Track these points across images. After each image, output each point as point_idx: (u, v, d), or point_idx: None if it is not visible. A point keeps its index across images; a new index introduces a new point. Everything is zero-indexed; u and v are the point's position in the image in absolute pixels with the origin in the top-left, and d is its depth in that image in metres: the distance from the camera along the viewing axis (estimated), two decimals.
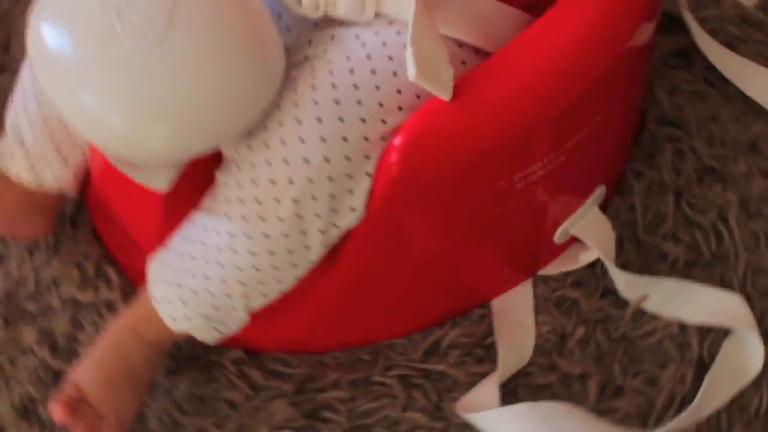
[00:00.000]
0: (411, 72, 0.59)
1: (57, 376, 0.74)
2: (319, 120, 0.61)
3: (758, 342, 0.72)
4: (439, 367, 0.74)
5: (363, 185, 0.62)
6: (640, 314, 0.75)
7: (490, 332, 0.75)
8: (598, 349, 0.74)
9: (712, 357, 0.73)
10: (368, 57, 0.62)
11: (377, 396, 0.73)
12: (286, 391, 0.73)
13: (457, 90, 0.60)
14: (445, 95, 0.60)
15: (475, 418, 0.69)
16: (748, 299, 0.74)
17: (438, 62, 0.59)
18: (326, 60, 0.62)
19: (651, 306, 0.75)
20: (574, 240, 0.75)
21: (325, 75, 0.62)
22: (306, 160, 0.61)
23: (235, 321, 0.66)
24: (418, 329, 0.75)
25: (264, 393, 0.73)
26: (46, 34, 0.60)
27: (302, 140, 0.61)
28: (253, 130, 0.62)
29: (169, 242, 0.67)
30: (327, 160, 0.61)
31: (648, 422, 0.72)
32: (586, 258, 0.75)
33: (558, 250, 0.76)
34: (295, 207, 0.61)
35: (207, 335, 0.67)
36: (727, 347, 0.73)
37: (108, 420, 0.66)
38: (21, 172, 0.72)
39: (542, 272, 0.76)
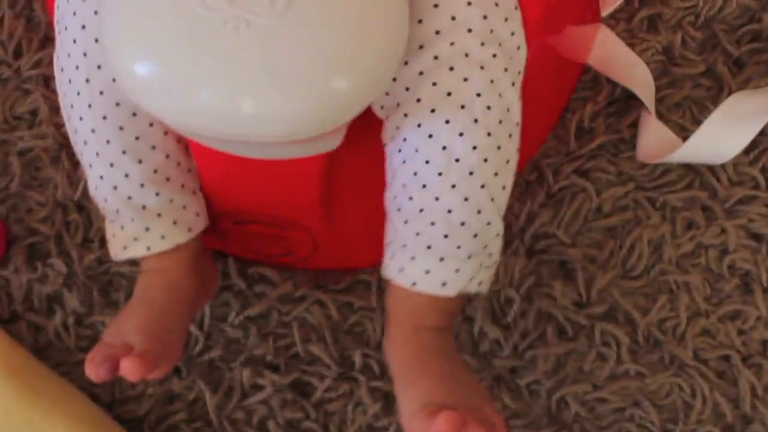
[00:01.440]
0: None
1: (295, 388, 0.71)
2: (470, 3, 0.58)
3: None
4: (597, 141, 0.75)
5: (517, 20, 0.60)
6: None
7: (612, 87, 0.76)
8: (697, 42, 0.77)
9: None
10: None
11: (569, 201, 0.74)
12: (517, 250, 0.73)
13: None
14: None
15: (679, 155, 0.71)
16: None
17: None
18: None
19: None
20: None
21: None
22: (482, 44, 0.58)
23: (494, 238, 0.61)
24: (555, 123, 0.76)
25: None
26: (168, 66, 0.54)
27: (470, 30, 0.58)
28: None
29: (390, 253, 0.61)
30: (484, 17, 0.58)
31: None
32: None
33: None
34: (492, 87, 0.59)
35: (483, 276, 0.62)
36: None
37: (485, 407, 0.58)
38: (169, 236, 0.64)
39: (608, 12, 0.78)
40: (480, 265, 0.61)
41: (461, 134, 0.59)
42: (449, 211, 0.60)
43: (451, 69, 0.59)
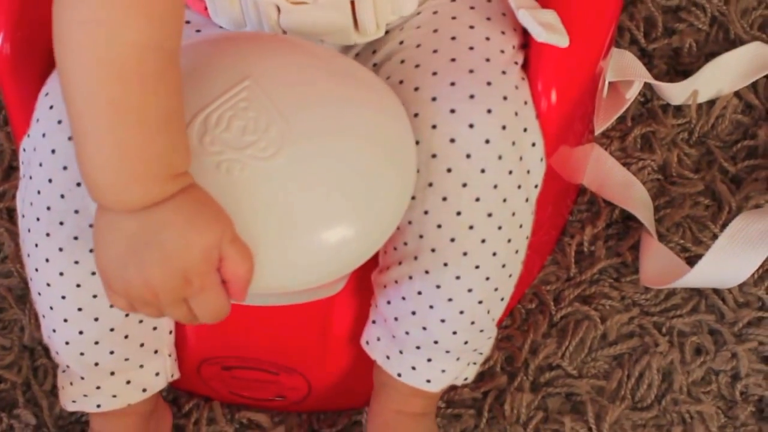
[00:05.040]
0: (539, 34, 0.56)
1: None
2: (472, 97, 0.55)
3: None
4: (598, 266, 0.72)
5: (537, 131, 0.57)
6: (702, 109, 0.77)
7: (610, 209, 0.74)
8: (693, 159, 0.75)
9: None
10: (453, 38, 0.57)
11: (573, 329, 0.70)
12: (521, 384, 0.69)
13: None
14: (565, 41, 0.58)
15: (686, 281, 0.69)
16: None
17: (546, 15, 0.57)
18: (422, 68, 0.56)
19: (704, 97, 0.77)
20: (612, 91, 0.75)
21: (428, 77, 0.56)
22: (487, 141, 0.55)
23: (486, 341, 0.61)
24: (553, 248, 0.73)
25: None
26: None
27: (471, 126, 0.55)
28: None
29: (376, 333, 0.60)
30: (504, 128, 0.56)
31: None
32: (632, 91, 0.75)
33: (605, 105, 0.75)
34: (500, 198, 0.56)
35: (468, 373, 0.62)
36: None
37: None
38: (121, 396, 0.60)
39: (601, 129, 0.76)
40: (467, 364, 0.61)
41: (465, 254, 0.56)
42: (442, 321, 0.58)
43: (464, 186, 0.56)
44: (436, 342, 0.59)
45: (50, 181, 0.56)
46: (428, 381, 0.60)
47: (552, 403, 0.69)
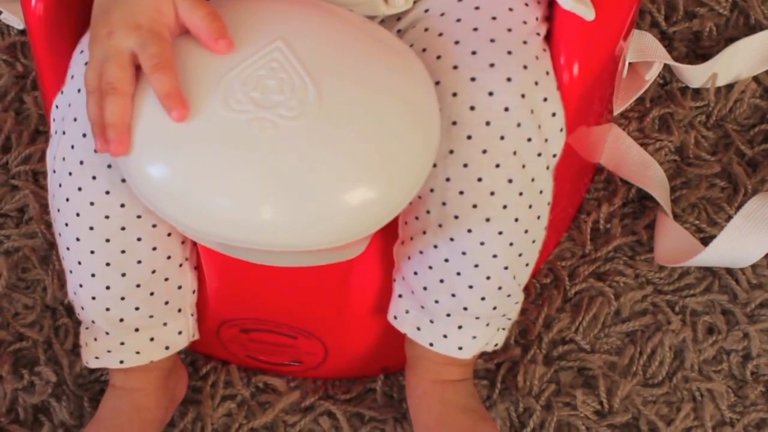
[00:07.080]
0: (566, 2, 0.57)
1: None
2: (492, 65, 0.56)
3: None
4: (613, 243, 0.73)
5: (558, 101, 0.58)
6: (721, 92, 0.77)
7: (626, 188, 0.75)
8: (710, 141, 0.76)
9: None
10: (477, 8, 0.58)
11: (587, 305, 0.71)
12: (535, 357, 0.70)
13: None
14: (591, 15, 0.59)
15: (700, 260, 0.69)
16: None
17: None
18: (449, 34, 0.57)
19: (723, 80, 0.78)
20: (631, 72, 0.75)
21: (450, 45, 0.57)
22: (506, 108, 0.56)
23: (513, 306, 0.62)
24: (569, 225, 0.74)
25: None
26: (185, 170, 0.51)
27: (491, 94, 0.56)
28: None
29: (404, 306, 0.61)
30: (523, 96, 0.56)
31: None
32: (651, 73, 0.76)
33: (624, 86, 0.76)
34: (519, 165, 0.57)
35: (498, 339, 0.63)
36: None
37: None
38: (144, 353, 0.62)
39: (620, 110, 0.77)
40: (497, 329, 0.63)
41: (488, 220, 0.58)
42: (470, 287, 0.60)
43: (484, 152, 0.57)
44: (465, 308, 0.60)
45: (84, 135, 0.57)
46: (460, 348, 0.61)
47: (564, 377, 0.70)
